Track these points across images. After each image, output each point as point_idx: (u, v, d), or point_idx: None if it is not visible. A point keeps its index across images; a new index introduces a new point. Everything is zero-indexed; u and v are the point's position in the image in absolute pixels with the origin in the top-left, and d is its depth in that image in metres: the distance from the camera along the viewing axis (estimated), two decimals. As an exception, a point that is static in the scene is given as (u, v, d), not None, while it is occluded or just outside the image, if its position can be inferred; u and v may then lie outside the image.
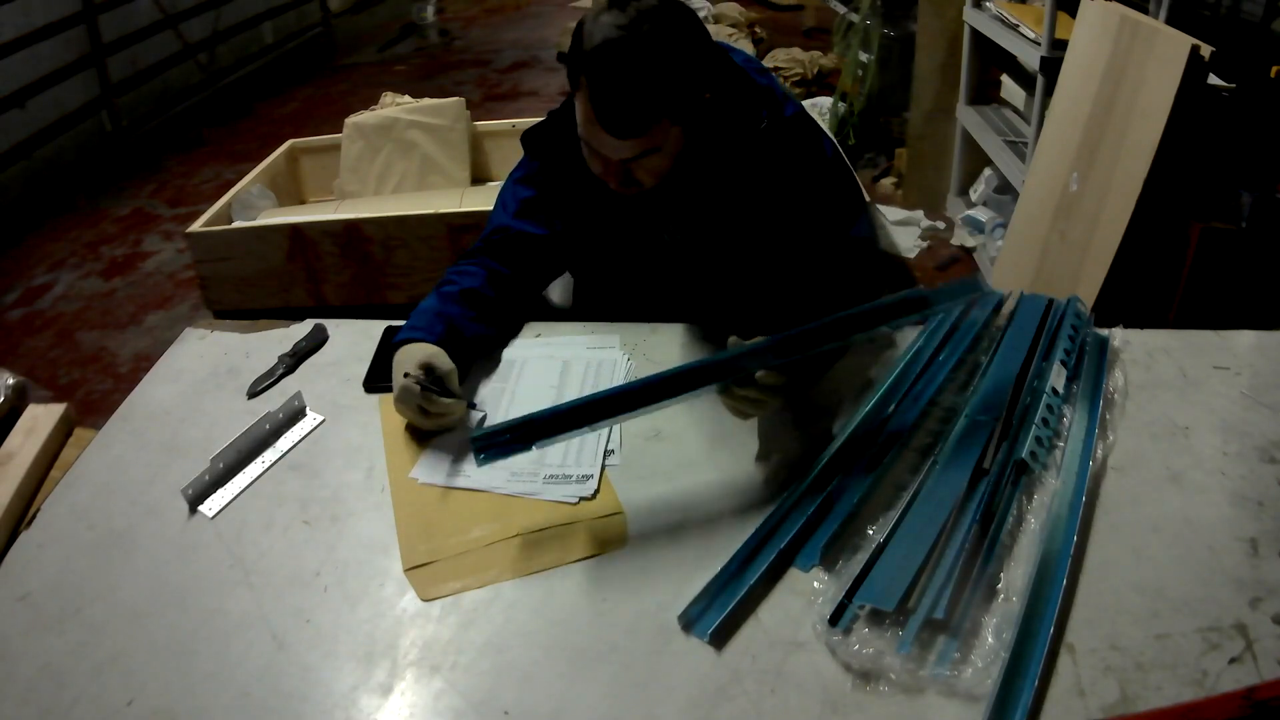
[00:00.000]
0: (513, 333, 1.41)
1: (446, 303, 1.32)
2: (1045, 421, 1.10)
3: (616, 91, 1.09)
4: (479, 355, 1.34)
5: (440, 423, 1.20)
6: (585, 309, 1.54)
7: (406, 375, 1.17)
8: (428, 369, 1.18)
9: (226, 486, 1.13)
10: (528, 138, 1.37)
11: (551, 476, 1.11)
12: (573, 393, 1.26)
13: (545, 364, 1.33)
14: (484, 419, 1.23)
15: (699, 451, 1.14)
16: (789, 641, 0.89)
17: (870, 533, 0.98)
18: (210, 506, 1.11)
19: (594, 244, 1.41)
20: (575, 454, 1.15)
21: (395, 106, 3.33)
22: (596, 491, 1.09)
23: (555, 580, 0.98)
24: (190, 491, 1.10)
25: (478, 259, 1.38)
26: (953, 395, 1.19)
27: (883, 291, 1.21)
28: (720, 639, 0.89)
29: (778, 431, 1.16)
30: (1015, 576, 0.93)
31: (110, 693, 0.88)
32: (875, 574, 0.93)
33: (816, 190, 1.29)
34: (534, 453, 1.14)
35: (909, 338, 1.31)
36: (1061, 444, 1.09)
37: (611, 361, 1.32)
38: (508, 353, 1.37)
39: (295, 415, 1.25)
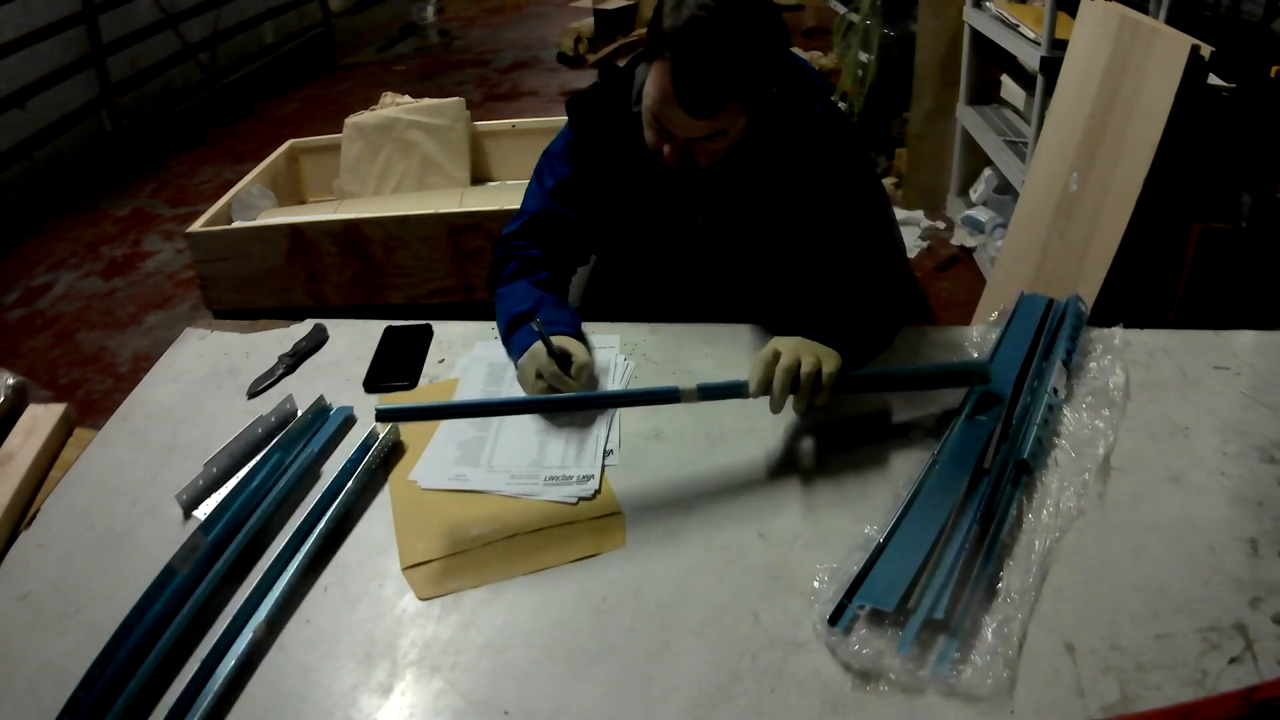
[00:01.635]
0: None
1: (548, 289, 1.35)
2: (1045, 421, 1.10)
3: (699, 70, 1.09)
4: None
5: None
6: (593, 307, 1.53)
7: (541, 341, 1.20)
8: (563, 353, 1.20)
9: (220, 491, 1.12)
10: (573, 104, 1.36)
11: (552, 478, 1.11)
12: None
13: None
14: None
15: (699, 451, 1.14)
16: (789, 641, 0.89)
17: (870, 532, 0.99)
18: (204, 512, 1.10)
19: (625, 223, 1.40)
20: (575, 455, 1.14)
21: (395, 106, 3.33)
22: (597, 491, 1.09)
23: (555, 580, 0.98)
24: (184, 497, 1.10)
25: (530, 241, 1.39)
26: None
27: (907, 298, 1.25)
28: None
29: (780, 432, 1.16)
30: (1015, 576, 0.93)
31: (110, 693, 0.88)
32: (875, 574, 0.93)
33: (856, 186, 1.31)
34: (534, 454, 1.14)
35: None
36: (1061, 444, 1.09)
37: (606, 362, 1.31)
38: (500, 353, 1.34)
39: (287, 418, 1.24)
